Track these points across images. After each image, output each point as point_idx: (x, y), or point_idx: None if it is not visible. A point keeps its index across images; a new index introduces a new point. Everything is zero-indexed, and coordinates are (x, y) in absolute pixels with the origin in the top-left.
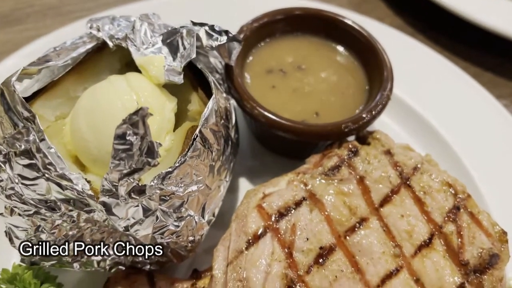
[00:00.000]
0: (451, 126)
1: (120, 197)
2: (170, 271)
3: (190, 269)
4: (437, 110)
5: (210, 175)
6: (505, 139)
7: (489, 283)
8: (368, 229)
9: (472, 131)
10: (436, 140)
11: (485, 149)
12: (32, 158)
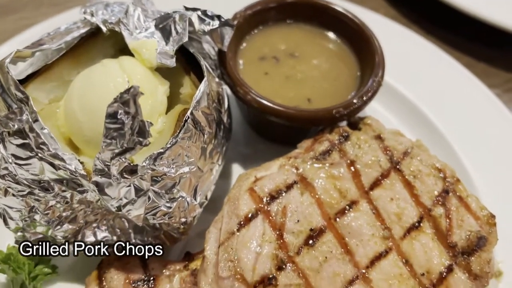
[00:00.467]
0: (443, 113)
1: (112, 177)
2: (163, 254)
3: (182, 252)
4: (429, 98)
5: (202, 157)
6: (495, 126)
7: (477, 265)
8: (358, 212)
9: (463, 118)
10: (427, 127)
11: (475, 136)
12: (25, 138)
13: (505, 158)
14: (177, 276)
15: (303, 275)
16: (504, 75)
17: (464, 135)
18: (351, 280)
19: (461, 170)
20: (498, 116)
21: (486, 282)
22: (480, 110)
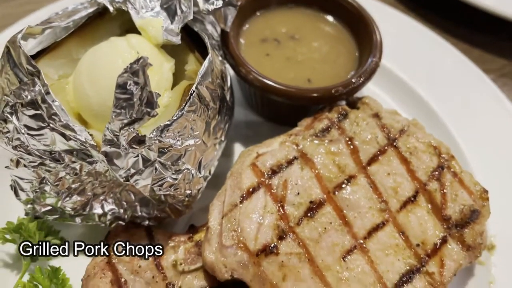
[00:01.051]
0: (438, 95)
1: (121, 147)
2: (168, 227)
3: (187, 226)
4: (425, 81)
5: (206, 132)
6: (489, 108)
7: (470, 237)
8: (356, 186)
9: (458, 100)
10: (423, 109)
11: (470, 116)
12: (38, 109)
13: (498, 138)
14: (181, 247)
15: (303, 245)
16: (499, 61)
17: (458, 116)
18: (349, 250)
19: (456, 149)
20: (492, 99)
21: (479, 253)
22: (475, 92)
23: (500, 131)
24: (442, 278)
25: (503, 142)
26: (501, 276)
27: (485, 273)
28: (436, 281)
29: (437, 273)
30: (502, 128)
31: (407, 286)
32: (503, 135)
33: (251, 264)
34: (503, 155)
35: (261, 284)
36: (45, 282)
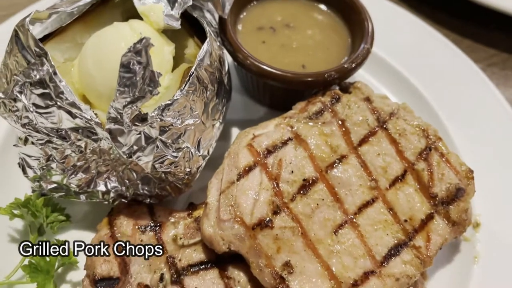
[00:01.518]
0: (428, 82)
1: (125, 124)
2: (169, 205)
3: (187, 204)
4: (416, 70)
5: (205, 113)
6: (477, 94)
7: (455, 213)
8: (347, 165)
9: (447, 87)
10: (413, 95)
11: (458, 102)
12: (46, 88)
13: (484, 122)
14: (181, 222)
15: (297, 219)
16: (488, 51)
17: (447, 102)
18: (340, 225)
19: (443, 132)
20: (480, 86)
21: (464, 228)
22: (463, 80)
23: (486, 116)
24: (428, 252)
25: (489, 126)
26: (485, 251)
27: (470, 249)
28: (423, 254)
29: (423, 247)
30: (488, 113)
31: (395, 258)
32: (489, 120)
33: (247, 237)
34: (489, 139)
35: (256, 256)
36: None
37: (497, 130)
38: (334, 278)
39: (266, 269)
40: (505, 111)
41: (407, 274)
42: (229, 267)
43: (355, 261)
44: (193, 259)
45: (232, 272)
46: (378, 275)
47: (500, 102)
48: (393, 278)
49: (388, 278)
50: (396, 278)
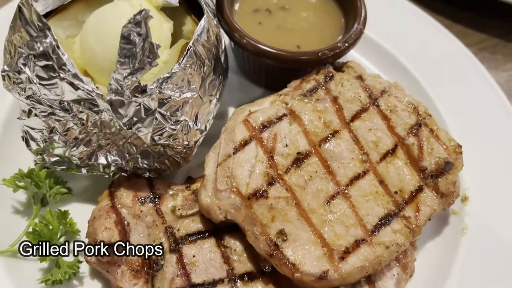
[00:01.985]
0: (421, 66)
1: (125, 96)
2: (167, 180)
3: (185, 178)
4: (409, 53)
5: (202, 87)
6: (467, 75)
7: (444, 185)
8: (339, 139)
9: (439, 69)
10: (406, 78)
11: (448, 82)
12: (49, 60)
13: (474, 102)
14: (180, 195)
15: (291, 190)
16: (479, 36)
17: (438, 83)
18: (333, 196)
19: (434, 111)
20: (470, 66)
21: (452, 200)
22: (455, 63)
23: (476, 96)
24: (417, 222)
25: (479, 106)
26: (472, 224)
27: (459, 221)
28: (412, 224)
29: (413, 217)
30: (479, 94)
31: (385, 227)
32: (479, 100)
33: (243, 207)
34: (479, 118)
35: (252, 224)
36: (55, 223)
37: (487, 110)
38: (326, 246)
39: (261, 237)
40: (495, 92)
41: (397, 242)
42: (225, 237)
43: (347, 229)
44: (191, 229)
45: (228, 241)
46: (369, 243)
47: (490, 84)
48: (383, 246)
49: (378, 246)
50: (386, 246)
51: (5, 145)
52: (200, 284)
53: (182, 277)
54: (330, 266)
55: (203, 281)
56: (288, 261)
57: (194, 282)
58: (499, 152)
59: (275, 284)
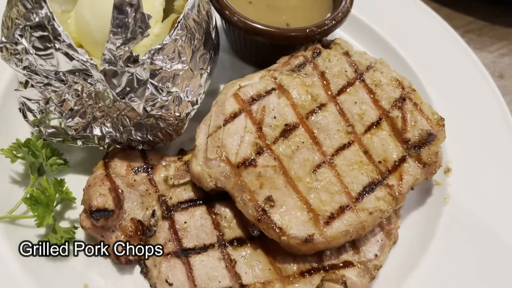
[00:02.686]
0: (409, 47)
1: (118, 65)
2: (161, 152)
3: (177, 151)
4: (397, 34)
5: (192, 60)
6: (455, 57)
7: (426, 156)
8: (326, 112)
9: (428, 51)
10: (395, 58)
11: (434, 61)
12: (44, 31)
13: (458, 79)
14: (172, 165)
15: (278, 159)
16: (466, 18)
17: (425, 62)
18: (319, 165)
19: (419, 87)
20: (458, 49)
21: (434, 170)
22: (442, 43)
23: (461, 75)
24: (400, 190)
25: (464, 85)
26: (454, 194)
27: (441, 192)
28: (395, 191)
29: (396, 186)
30: (463, 71)
31: (369, 195)
32: (464, 77)
33: (232, 175)
34: (463, 96)
35: (241, 191)
36: (51, 190)
37: (471, 88)
38: (312, 211)
39: (250, 203)
40: (479, 70)
41: (380, 208)
42: (216, 205)
43: (332, 196)
44: (183, 197)
45: (219, 209)
46: (353, 209)
47: (475, 63)
48: (367, 212)
49: (362, 212)
50: (369, 212)
51: (4, 119)
52: (191, 249)
53: (174, 242)
54: (316, 230)
55: (194, 246)
56: (275, 225)
57: (186, 246)
58: (481, 128)
59: (263, 249)
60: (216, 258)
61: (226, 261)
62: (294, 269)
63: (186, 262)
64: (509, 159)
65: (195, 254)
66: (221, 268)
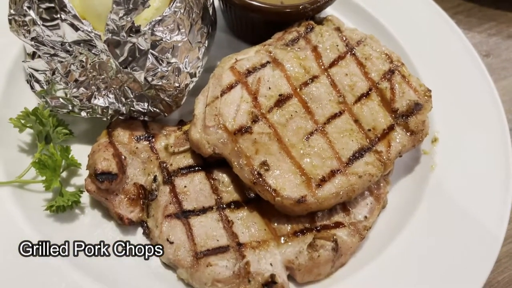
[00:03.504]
0: (400, 27)
1: (120, 35)
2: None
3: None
4: (387, 15)
5: (191, 33)
6: (443, 35)
7: (413, 124)
8: (318, 83)
9: (416, 31)
10: (386, 38)
11: (426, 44)
12: (51, 2)
13: (448, 59)
14: (172, 134)
15: (273, 127)
16: (454, 1)
17: (414, 41)
18: (311, 132)
19: (408, 64)
20: (442, 24)
21: (421, 137)
22: (430, 23)
23: (447, 50)
24: (388, 155)
25: (451, 62)
26: (440, 162)
27: (428, 160)
28: (383, 157)
29: (384, 152)
30: (449, 48)
31: (359, 160)
32: (450, 54)
33: (229, 141)
34: (450, 71)
35: (237, 156)
36: (57, 155)
37: (459, 64)
38: (304, 175)
39: (246, 167)
40: (466, 48)
41: (369, 172)
42: (214, 171)
43: (324, 161)
44: (183, 164)
45: (217, 174)
46: (343, 173)
47: (462, 41)
48: (357, 176)
49: (352, 175)
50: (359, 176)
51: (12, 93)
52: (191, 211)
53: (174, 204)
54: (308, 192)
55: (193, 208)
56: (270, 188)
57: (186, 208)
58: (467, 101)
59: (259, 211)
60: (215, 220)
61: (224, 222)
62: (288, 229)
63: (186, 223)
64: (491, 131)
65: (194, 216)
66: (219, 228)
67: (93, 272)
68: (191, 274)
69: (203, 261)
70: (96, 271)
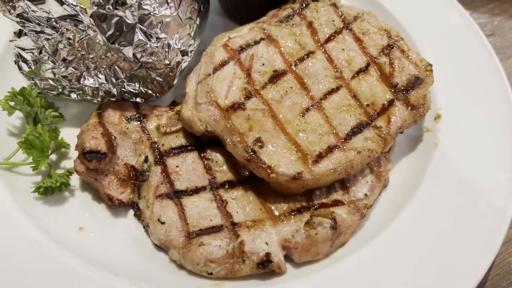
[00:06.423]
0: (400, 7)
1: (106, 8)
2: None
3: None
4: None
5: (180, 7)
6: (446, 15)
7: (414, 98)
8: (314, 59)
9: (418, 10)
10: (384, 15)
11: (427, 21)
12: None
13: (449, 35)
14: (164, 115)
15: (267, 103)
16: None
17: (415, 20)
18: (307, 108)
19: (410, 42)
20: (450, 7)
21: (422, 112)
22: (433, 4)
23: (450, 29)
24: (388, 131)
25: (453, 38)
26: (444, 138)
27: (431, 137)
28: (383, 132)
29: (384, 127)
30: (452, 26)
31: (357, 135)
32: (453, 33)
33: (221, 118)
34: (453, 47)
35: (230, 134)
36: (46, 136)
37: (461, 42)
38: (300, 151)
39: (240, 145)
40: (470, 26)
41: (369, 148)
42: (207, 150)
43: (320, 137)
44: (175, 143)
45: (210, 154)
46: (341, 148)
47: (466, 19)
48: (355, 151)
49: (350, 151)
50: (358, 151)
51: (1, 76)
52: (183, 191)
53: (166, 184)
54: (304, 168)
55: (186, 188)
56: (264, 164)
57: (178, 188)
58: (471, 77)
59: (254, 191)
60: (208, 199)
61: (218, 202)
62: (285, 209)
63: (178, 203)
64: (495, 106)
65: (187, 196)
66: (212, 208)
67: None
68: (183, 254)
69: (195, 241)
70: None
